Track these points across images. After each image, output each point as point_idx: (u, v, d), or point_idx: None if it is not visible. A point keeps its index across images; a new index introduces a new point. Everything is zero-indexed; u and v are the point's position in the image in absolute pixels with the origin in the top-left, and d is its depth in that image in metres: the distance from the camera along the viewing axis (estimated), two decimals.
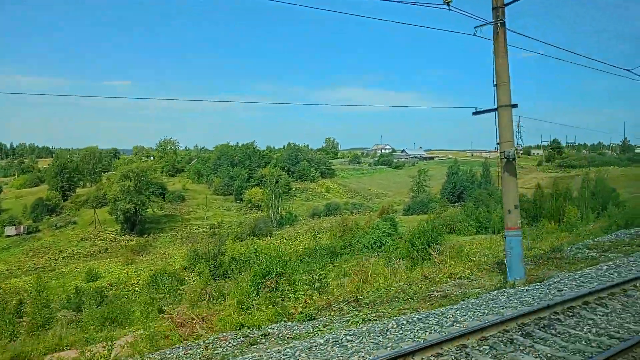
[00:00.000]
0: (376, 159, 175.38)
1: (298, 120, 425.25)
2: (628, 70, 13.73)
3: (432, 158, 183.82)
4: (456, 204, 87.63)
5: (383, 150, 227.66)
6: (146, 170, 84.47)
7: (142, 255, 70.10)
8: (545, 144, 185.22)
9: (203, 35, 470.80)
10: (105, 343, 12.94)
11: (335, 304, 12.95)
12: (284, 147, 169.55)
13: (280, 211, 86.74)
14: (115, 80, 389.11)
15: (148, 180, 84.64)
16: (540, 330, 8.36)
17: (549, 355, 7.20)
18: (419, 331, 8.73)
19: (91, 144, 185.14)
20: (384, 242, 56.38)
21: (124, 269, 61.57)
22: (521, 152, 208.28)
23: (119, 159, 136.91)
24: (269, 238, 73.40)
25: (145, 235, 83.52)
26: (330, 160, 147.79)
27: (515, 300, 10.44)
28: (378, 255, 47.44)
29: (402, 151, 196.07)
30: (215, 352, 9.70)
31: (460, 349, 7.54)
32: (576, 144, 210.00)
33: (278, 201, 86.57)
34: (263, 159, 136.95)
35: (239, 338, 10.50)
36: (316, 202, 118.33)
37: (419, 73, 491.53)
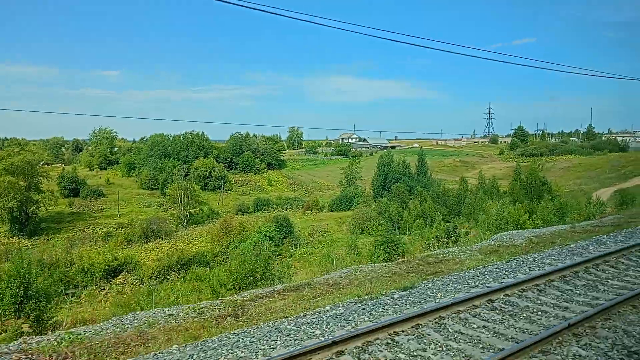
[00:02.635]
0: (333, 148, 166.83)
1: (293, 109, 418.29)
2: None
3: (394, 147, 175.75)
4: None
5: (350, 140, 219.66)
6: (35, 164, 74.91)
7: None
8: (512, 132, 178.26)
9: (190, 25, 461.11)
10: None
11: None
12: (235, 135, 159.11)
13: (188, 209, 77.90)
14: (105, 69, 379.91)
15: (39, 174, 75.19)
16: None
17: None
18: None
19: (56, 135, 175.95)
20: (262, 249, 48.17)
21: None
22: (489, 140, 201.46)
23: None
24: (160, 241, 64.63)
25: (36, 237, 74.30)
26: (278, 151, 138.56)
27: None
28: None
29: (364, 140, 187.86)
30: None
31: None
32: (546, 131, 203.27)
33: (187, 197, 77.72)
34: (203, 149, 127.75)
35: None
36: (253, 196, 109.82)
37: (406, 60, 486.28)
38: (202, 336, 8.28)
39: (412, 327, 8.42)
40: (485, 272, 12.57)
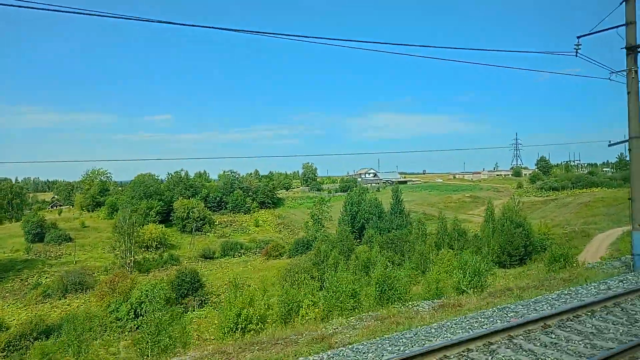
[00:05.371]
0: (338, 185, 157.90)
1: (333, 147, 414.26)
2: None
3: (405, 182, 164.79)
4: (356, 240, 68.93)
5: (366, 175, 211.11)
6: None
7: None
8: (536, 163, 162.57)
9: (235, 67, 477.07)
10: None
11: None
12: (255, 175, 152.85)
13: (130, 256, 70.66)
14: (156, 114, 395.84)
15: None
16: None
17: None
18: None
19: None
20: (139, 313, 39.52)
21: None
22: (510, 173, 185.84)
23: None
24: (78, 295, 57.13)
25: None
26: (271, 190, 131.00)
27: None
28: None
29: (374, 175, 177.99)
30: None
31: None
32: (576, 161, 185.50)
33: (129, 241, 70.76)
34: (191, 188, 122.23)
35: None
36: (234, 238, 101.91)
37: (449, 96, 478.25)
38: None
39: None
40: None
